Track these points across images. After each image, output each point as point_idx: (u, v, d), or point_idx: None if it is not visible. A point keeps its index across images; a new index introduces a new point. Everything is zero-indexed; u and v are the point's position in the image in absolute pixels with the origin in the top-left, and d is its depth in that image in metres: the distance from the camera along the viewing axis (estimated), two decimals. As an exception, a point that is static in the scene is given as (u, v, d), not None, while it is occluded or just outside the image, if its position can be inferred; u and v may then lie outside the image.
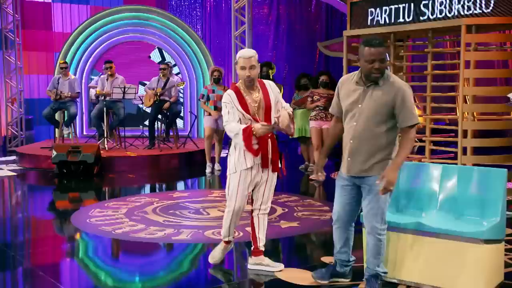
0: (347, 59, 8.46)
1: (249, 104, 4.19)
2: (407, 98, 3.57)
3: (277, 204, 6.75)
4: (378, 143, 3.63)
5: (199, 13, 13.95)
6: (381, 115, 3.59)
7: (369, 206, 3.72)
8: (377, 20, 8.07)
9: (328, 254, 4.88)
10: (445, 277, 3.83)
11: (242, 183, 4.24)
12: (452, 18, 7.03)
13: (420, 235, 3.88)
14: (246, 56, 4.15)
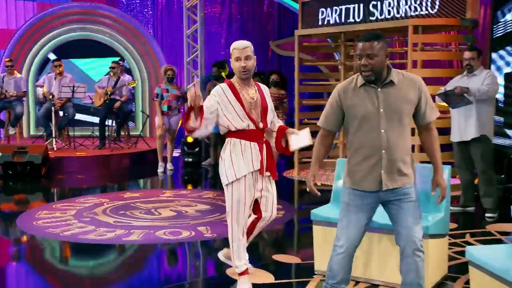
0: (298, 58, 8.53)
1: (244, 98, 3.76)
2: (427, 90, 3.20)
3: (229, 203, 6.75)
4: (408, 146, 3.19)
5: (150, 11, 13.77)
6: (406, 116, 3.14)
7: (410, 217, 3.17)
8: (328, 20, 8.18)
9: (280, 252, 4.92)
10: (392, 272, 3.90)
11: (248, 192, 3.75)
12: (400, 19, 7.21)
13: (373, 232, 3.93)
14: (240, 47, 3.77)
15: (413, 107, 3.15)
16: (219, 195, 7.26)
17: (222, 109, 3.74)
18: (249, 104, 3.77)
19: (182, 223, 5.81)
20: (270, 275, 4.26)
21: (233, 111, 3.73)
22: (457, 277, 4.08)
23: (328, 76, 10.10)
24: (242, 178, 3.72)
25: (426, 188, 4.06)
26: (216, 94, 3.76)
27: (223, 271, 4.39)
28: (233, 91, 3.78)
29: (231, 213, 3.78)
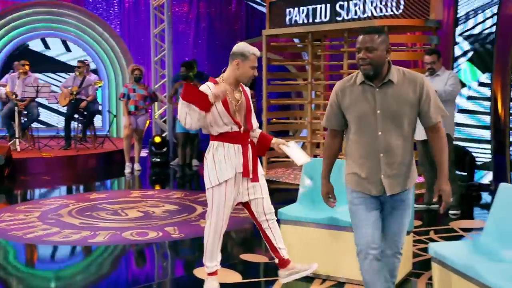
0: (266, 58, 8.55)
1: (230, 102, 3.67)
2: (430, 88, 2.96)
3: (196, 203, 6.73)
4: (409, 149, 3.00)
5: (117, 9, 13.62)
6: (406, 117, 2.94)
7: (396, 224, 3.05)
8: (295, 20, 8.22)
9: (248, 252, 4.92)
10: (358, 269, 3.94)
11: (229, 196, 3.70)
12: (366, 19, 7.29)
13: (334, 229, 3.98)
14: (258, 54, 3.74)
15: (415, 107, 2.94)
16: (187, 195, 7.22)
17: (213, 111, 3.64)
18: (234, 106, 3.68)
19: (150, 224, 5.76)
20: (237, 274, 4.26)
21: (216, 113, 3.63)
22: (421, 273, 4.15)
23: (296, 75, 10.15)
24: (224, 182, 3.66)
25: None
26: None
27: (191, 271, 4.37)
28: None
29: (211, 216, 3.76)
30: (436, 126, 2.98)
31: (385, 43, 2.91)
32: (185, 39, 13.56)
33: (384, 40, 2.91)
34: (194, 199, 6.98)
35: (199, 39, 13.73)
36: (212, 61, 13.46)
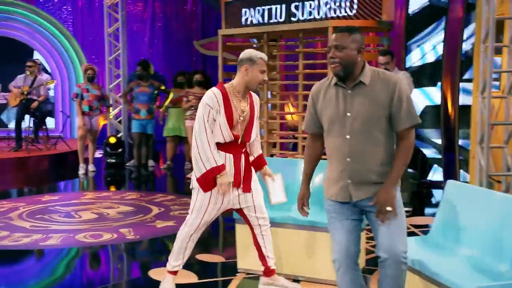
0: (222, 57, 8.53)
1: (235, 112, 3.62)
2: (404, 92, 2.78)
3: (153, 204, 6.66)
4: (380, 156, 2.82)
5: (70, 8, 13.34)
6: (378, 121, 2.79)
7: (384, 227, 2.83)
8: (251, 20, 8.24)
9: (204, 252, 4.91)
10: (312, 267, 4.00)
11: (213, 200, 3.65)
12: (320, 20, 7.37)
13: (290, 228, 4.01)
14: (266, 59, 3.70)
15: (386, 111, 2.78)
16: (142, 196, 7.14)
17: (217, 120, 3.59)
18: (238, 117, 3.63)
19: (104, 226, 5.67)
20: (193, 274, 4.24)
21: (218, 126, 3.58)
22: (374, 269, 4.23)
23: (252, 75, 10.17)
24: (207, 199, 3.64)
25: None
26: (213, 106, 3.56)
27: (146, 273, 4.33)
28: (226, 102, 3.60)
29: (189, 216, 3.73)
30: (403, 133, 2.79)
31: (356, 42, 2.78)
32: (140, 38, 13.41)
33: (355, 39, 2.79)
34: (150, 200, 6.90)
35: (154, 39, 13.60)
36: (168, 60, 13.36)
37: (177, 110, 9.13)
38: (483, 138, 5.45)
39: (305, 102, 8.34)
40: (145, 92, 8.98)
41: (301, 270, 4.04)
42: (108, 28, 10.62)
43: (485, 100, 5.40)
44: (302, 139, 7.95)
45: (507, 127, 5.45)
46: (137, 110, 9.00)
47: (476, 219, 3.16)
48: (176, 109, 9.14)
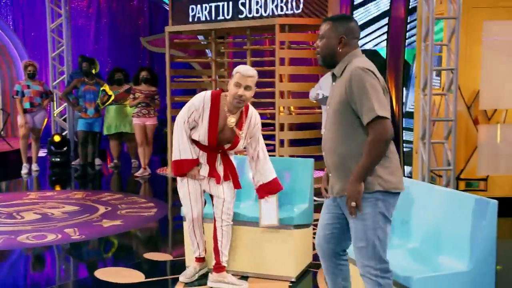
0: (169, 55, 8.46)
1: (220, 123, 3.66)
2: (360, 85, 2.60)
3: (99, 203, 6.54)
4: (348, 151, 2.69)
5: (9, 2, 12.88)
6: (344, 115, 2.68)
7: (354, 236, 2.74)
8: (198, 16, 8.20)
9: (152, 250, 4.87)
10: (260, 263, 4.03)
11: (192, 189, 3.81)
12: (267, 18, 7.41)
13: (238, 224, 4.01)
14: (245, 74, 3.59)
15: (348, 104, 2.65)
16: (89, 195, 7.00)
17: (197, 122, 3.68)
18: (221, 129, 3.67)
19: (48, 226, 5.52)
20: (140, 274, 4.19)
21: (200, 127, 3.66)
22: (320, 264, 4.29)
23: (200, 73, 10.13)
24: (185, 179, 3.80)
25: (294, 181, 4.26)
26: (198, 107, 3.64)
27: (92, 273, 4.25)
28: (213, 110, 3.64)
29: (183, 209, 3.97)
30: (367, 127, 2.62)
31: (334, 31, 2.71)
32: (85, 34, 13.09)
33: (331, 28, 2.71)
34: (97, 199, 6.77)
35: (100, 35, 13.31)
36: (114, 57, 13.11)
37: (117, 107, 8.99)
38: (425, 134, 5.62)
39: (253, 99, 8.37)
40: (91, 90, 8.78)
41: (249, 266, 4.06)
42: (51, 23, 10.32)
43: (426, 97, 5.57)
44: (250, 136, 7.98)
45: (447, 123, 5.65)
46: (84, 108, 8.80)
47: (418, 213, 3.27)
48: (115, 106, 8.99)
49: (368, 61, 2.73)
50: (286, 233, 3.94)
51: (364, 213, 2.65)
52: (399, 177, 2.72)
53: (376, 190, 2.64)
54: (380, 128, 2.58)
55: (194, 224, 3.89)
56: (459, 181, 5.98)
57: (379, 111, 2.56)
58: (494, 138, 6.01)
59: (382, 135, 2.58)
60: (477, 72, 5.89)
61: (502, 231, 4.54)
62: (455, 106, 5.55)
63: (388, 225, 2.70)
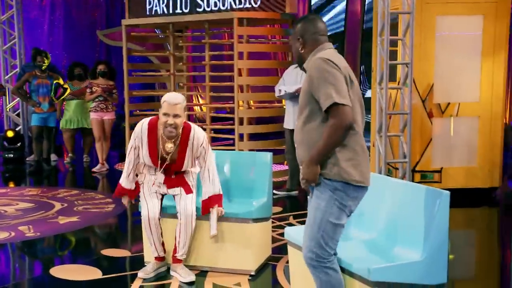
0: (126, 48, 8.33)
1: (159, 149, 3.84)
2: (318, 74, 2.66)
3: (54, 200, 6.40)
4: (307, 143, 2.77)
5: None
6: (310, 106, 2.74)
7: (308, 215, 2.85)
8: (155, 10, 8.10)
9: (110, 247, 4.80)
10: (221, 258, 4.02)
11: (147, 190, 3.97)
12: (226, 11, 7.38)
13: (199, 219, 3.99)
14: (172, 102, 3.72)
15: (311, 95, 2.71)
16: (44, 192, 6.84)
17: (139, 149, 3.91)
18: (162, 155, 3.85)
19: (1, 224, 5.37)
20: (98, 270, 4.13)
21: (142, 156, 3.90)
22: (280, 257, 4.33)
23: (159, 67, 10.02)
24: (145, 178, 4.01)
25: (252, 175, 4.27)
26: (137, 136, 3.86)
27: (47, 271, 4.16)
28: (150, 137, 3.83)
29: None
30: (328, 114, 2.65)
31: (293, 35, 2.87)
32: (39, 27, 12.75)
33: (292, 33, 2.89)
34: (52, 196, 6.63)
35: (55, 28, 12.99)
36: (70, 51, 12.83)
37: (77, 102, 8.81)
38: (381, 127, 5.72)
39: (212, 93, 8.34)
40: (44, 84, 8.57)
41: (209, 261, 4.05)
42: (2, 15, 10.02)
43: (383, 91, 5.67)
44: (210, 130, 7.95)
45: (403, 116, 5.76)
46: (38, 103, 8.58)
47: (375, 205, 3.32)
48: (75, 101, 8.82)
49: (332, 53, 2.77)
50: (245, 227, 3.95)
51: (321, 196, 2.72)
52: (362, 172, 2.74)
53: (335, 179, 2.70)
54: (337, 114, 2.62)
55: (150, 224, 3.90)
56: (415, 173, 6.11)
57: (336, 98, 2.60)
58: (447, 131, 6.17)
59: (340, 121, 2.62)
60: (431, 66, 6.03)
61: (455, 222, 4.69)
62: (410, 100, 5.66)
63: (343, 217, 2.75)
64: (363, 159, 2.76)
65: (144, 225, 3.94)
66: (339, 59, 2.75)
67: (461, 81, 6.09)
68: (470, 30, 6.06)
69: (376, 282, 2.76)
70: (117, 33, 10.97)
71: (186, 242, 3.93)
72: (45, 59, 8.70)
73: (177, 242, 3.93)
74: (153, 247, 3.98)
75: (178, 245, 3.93)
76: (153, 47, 10.53)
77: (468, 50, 6.06)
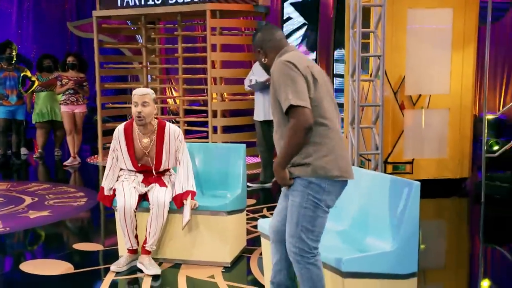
0: (98, 40, 8.23)
1: (137, 146, 4.01)
2: (278, 76, 2.69)
3: (25, 194, 6.30)
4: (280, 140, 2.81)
5: None
6: (278, 108, 2.75)
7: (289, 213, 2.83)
8: (127, 1, 8.00)
9: (83, 241, 4.76)
10: (195, 251, 4.02)
11: (126, 184, 4.00)
12: (198, 3, 7.33)
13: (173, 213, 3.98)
14: (139, 93, 3.95)
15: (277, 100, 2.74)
16: (14, 186, 6.73)
17: (119, 152, 4.04)
18: (141, 152, 4.01)
19: (-30, 219, 5.27)
20: (69, 264, 4.09)
21: (123, 158, 4.03)
22: (254, 249, 4.34)
23: (131, 59, 9.91)
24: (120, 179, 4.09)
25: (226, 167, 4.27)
26: (114, 139, 4.03)
27: (17, 266, 4.10)
28: (127, 137, 4.00)
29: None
30: (288, 116, 2.66)
31: (254, 49, 2.92)
32: (7, 18, 12.50)
33: (254, 45, 2.90)
34: (22, 190, 6.52)
35: (23, 19, 12.74)
36: (40, 43, 12.61)
37: (47, 94, 8.66)
38: (354, 119, 5.77)
39: (186, 85, 8.29)
40: (12, 77, 8.40)
41: (183, 253, 4.04)
42: (-31, 6, 9.78)
43: (355, 83, 5.71)
44: (183, 123, 7.92)
45: (375, 108, 5.81)
46: (5, 96, 8.41)
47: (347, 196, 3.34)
48: (46, 93, 8.67)
49: (292, 54, 2.77)
50: (219, 219, 3.95)
51: (295, 192, 2.74)
52: (340, 166, 2.73)
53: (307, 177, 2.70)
54: (295, 116, 2.62)
55: (126, 216, 3.88)
56: (387, 165, 6.19)
57: (293, 100, 2.61)
58: (419, 123, 6.25)
59: (298, 122, 2.61)
60: (402, 58, 6.09)
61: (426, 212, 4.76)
62: (382, 92, 5.71)
63: (320, 211, 2.73)
64: (340, 154, 2.75)
65: (119, 216, 3.91)
66: (300, 59, 2.74)
67: (432, 73, 6.17)
68: (440, 23, 6.14)
69: (348, 272, 2.79)
70: (88, 25, 10.80)
71: (157, 232, 3.92)
72: (13, 51, 8.55)
73: (147, 232, 3.93)
74: (126, 238, 3.96)
75: (148, 235, 3.93)
76: (125, 39, 10.42)
77: (439, 42, 6.14)
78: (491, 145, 7.38)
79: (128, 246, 3.99)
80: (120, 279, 3.84)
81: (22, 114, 8.76)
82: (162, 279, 3.83)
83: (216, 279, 3.79)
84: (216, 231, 3.97)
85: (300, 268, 2.76)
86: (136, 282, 3.79)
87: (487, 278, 4.08)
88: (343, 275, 2.80)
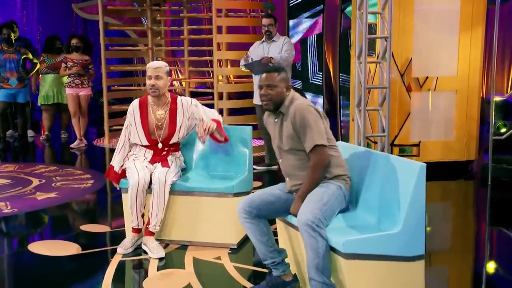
0: (103, 22, 8.19)
1: (151, 119, 4.11)
2: (304, 121, 3.12)
3: (32, 176, 6.34)
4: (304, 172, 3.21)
5: None
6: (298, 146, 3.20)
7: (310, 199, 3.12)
8: (133, -18, 7.96)
9: (90, 222, 4.79)
10: (202, 232, 4.04)
11: (138, 163, 4.05)
12: (203, -16, 7.28)
13: (176, 194, 4.00)
14: (153, 66, 4.07)
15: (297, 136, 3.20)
16: (21, 168, 6.77)
17: (133, 127, 4.13)
18: (154, 125, 4.10)
19: (-22, 201, 5.31)
20: (77, 245, 4.12)
21: (137, 132, 4.11)
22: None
23: (136, 41, 9.89)
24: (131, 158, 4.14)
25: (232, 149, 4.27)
26: (130, 114, 4.14)
27: (26, 247, 4.14)
28: (142, 110, 4.12)
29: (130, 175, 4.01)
30: (310, 154, 3.13)
31: (285, 82, 3.25)
32: (12, 1, 12.47)
33: (283, 79, 3.24)
34: (30, 172, 6.56)
35: (28, 1, 12.71)
36: (44, 25, 12.58)
37: (53, 76, 8.66)
38: (360, 102, 5.74)
39: (192, 68, 8.26)
40: (12, 59, 8.39)
41: (190, 235, 4.07)
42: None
43: (361, 65, 5.67)
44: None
45: (382, 90, 5.78)
46: (5, 79, 8.40)
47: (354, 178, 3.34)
48: (52, 76, 8.66)
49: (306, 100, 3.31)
50: (226, 201, 3.96)
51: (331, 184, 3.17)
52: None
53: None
54: (317, 155, 3.11)
55: (138, 191, 3.89)
56: (393, 147, 6.17)
57: (317, 140, 3.10)
58: (426, 105, 6.21)
59: (320, 162, 3.12)
60: (410, 40, 6.04)
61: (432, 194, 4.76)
62: (389, 74, 5.67)
63: (339, 205, 3.17)
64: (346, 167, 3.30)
65: (131, 193, 3.90)
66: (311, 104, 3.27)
67: (439, 56, 6.12)
68: (449, 5, 6.07)
69: (349, 254, 2.78)
70: (93, 7, 10.78)
71: (159, 212, 3.93)
72: (11, 32, 8.49)
73: (150, 213, 3.94)
74: (134, 216, 3.95)
75: (151, 216, 3.94)
76: (130, 21, 10.39)
77: (446, 24, 6.08)
78: (499, 128, 7.34)
79: (134, 224, 3.99)
80: (127, 260, 3.87)
81: (24, 97, 8.76)
82: (169, 260, 3.85)
83: (222, 260, 3.81)
84: (222, 213, 3.99)
85: (312, 238, 2.90)
86: (142, 263, 3.82)
87: (493, 260, 4.08)
88: (346, 256, 2.79)
